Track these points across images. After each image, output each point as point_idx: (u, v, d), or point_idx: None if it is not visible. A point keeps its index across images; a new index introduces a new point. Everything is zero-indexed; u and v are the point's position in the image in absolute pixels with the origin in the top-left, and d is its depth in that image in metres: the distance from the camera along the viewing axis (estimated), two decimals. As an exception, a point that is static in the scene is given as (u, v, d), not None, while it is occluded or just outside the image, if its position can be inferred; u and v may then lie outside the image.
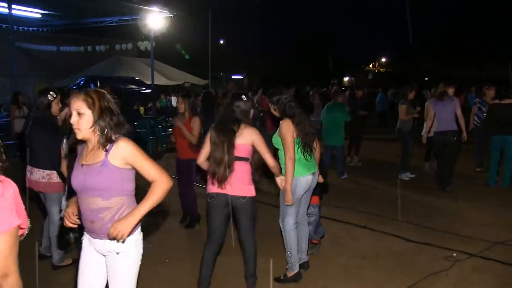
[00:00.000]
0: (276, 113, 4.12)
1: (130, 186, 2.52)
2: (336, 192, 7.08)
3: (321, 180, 4.41)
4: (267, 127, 9.77)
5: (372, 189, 7.77)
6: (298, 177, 3.99)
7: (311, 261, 4.46)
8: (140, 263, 2.60)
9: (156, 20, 16.24)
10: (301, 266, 4.24)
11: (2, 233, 1.63)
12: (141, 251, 2.59)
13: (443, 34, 52.04)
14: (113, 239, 2.36)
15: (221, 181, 3.57)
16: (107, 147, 2.41)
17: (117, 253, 2.48)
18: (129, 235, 2.39)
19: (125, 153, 2.43)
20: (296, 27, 50.16)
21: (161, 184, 2.44)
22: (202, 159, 3.80)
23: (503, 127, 7.34)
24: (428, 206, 6.59)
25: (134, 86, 14.22)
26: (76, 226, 2.61)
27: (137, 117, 12.97)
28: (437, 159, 7.80)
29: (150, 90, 15.57)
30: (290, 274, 4.13)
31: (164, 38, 19.43)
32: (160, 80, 19.17)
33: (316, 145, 4.19)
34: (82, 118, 2.41)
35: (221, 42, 46.21)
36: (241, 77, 17.84)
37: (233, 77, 26.72)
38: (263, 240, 5.12)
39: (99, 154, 2.43)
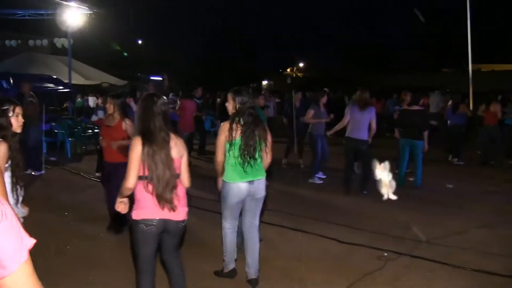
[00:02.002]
0: (230, 109, 3.98)
1: None
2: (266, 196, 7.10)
3: None
4: (180, 129, 9.71)
5: (302, 192, 7.86)
6: (229, 183, 3.92)
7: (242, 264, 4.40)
8: None
9: (74, 16, 15.39)
10: (249, 281, 4.10)
11: (15, 271, 1.20)
12: None
13: (361, 42, 54.87)
14: None
15: (170, 204, 3.07)
16: None
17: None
18: None
19: None
20: (217, 31, 50.19)
21: None
22: (133, 181, 3.04)
23: (409, 132, 7.83)
24: (354, 208, 6.83)
25: (51, 85, 13.37)
26: None
27: (55, 118, 12.21)
28: (346, 163, 8.02)
29: (68, 90, 14.73)
30: (225, 270, 4.23)
31: (81, 36, 18.50)
32: (77, 79, 18.22)
33: (267, 154, 4.02)
34: None
35: (140, 42, 45.04)
36: (160, 78, 17.44)
37: (151, 78, 26.13)
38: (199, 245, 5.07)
39: None
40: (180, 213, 3.17)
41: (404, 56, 53.08)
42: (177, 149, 3.16)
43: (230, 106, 3.97)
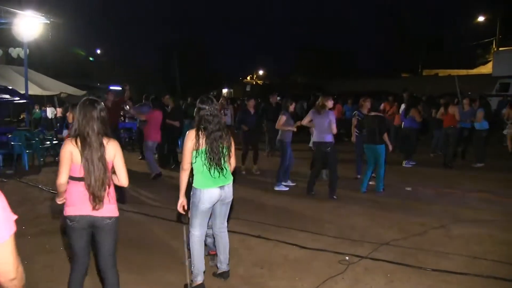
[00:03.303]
0: (196, 118, 4.08)
1: None
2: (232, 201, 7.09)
3: None
4: (145, 137, 9.62)
5: (262, 199, 7.86)
6: (202, 189, 3.98)
7: (209, 273, 4.42)
8: None
9: (30, 26, 14.93)
10: (220, 275, 4.37)
11: (6, 240, 1.58)
12: None
13: (317, 49, 55.75)
14: None
15: (99, 202, 3.24)
16: None
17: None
18: None
19: None
20: (175, 38, 49.92)
21: None
22: (63, 177, 3.26)
23: (371, 137, 8.07)
24: (315, 214, 6.87)
25: (7, 96, 12.91)
26: None
27: (11, 129, 11.81)
28: (313, 167, 8.25)
29: (25, 100, 14.28)
30: (194, 283, 4.12)
31: (38, 45, 18.01)
32: (34, 90, 17.68)
33: (231, 160, 4.14)
34: None
35: (98, 51, 44.27)
36: (119, 88, 17.17)
37: (111, 87, 25.72)
38: (153, 252, 5.01)
39: None
40: (106, 210, 3.29)
41: (364, 61, 54.42)
42: (109, 151, 3.30)
43: (195, 115, 4.05)
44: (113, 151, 3.33)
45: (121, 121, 14.48)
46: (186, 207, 4.06)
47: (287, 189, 8.47)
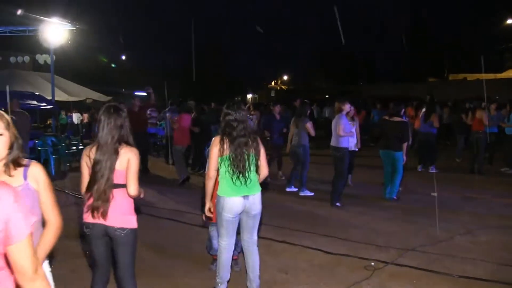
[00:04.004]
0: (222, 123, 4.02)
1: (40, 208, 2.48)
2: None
3: None
4: (175, 142, 9.71)
5: (287, 204, 7.88)
6: (225, 197, 3.89)
7: (235, 277, 4.42)
8: None
9: (56, 33, 15.32)
10: None
11: (23, 239, 1.69)
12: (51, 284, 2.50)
13: (342, 54, 55.50)
14: None
15: (103, 213, 3.14)
16: (16, 171, 2.32)
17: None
18: None
19: (39, 178, 2.42)
20: (200, 44, 50.30)
21: (54, 227, 2.48)
22: (85, 188, 3.23)
23: (389, 143, 7.86)
24: (340, 219, 6.87)
25: (34, 102, 13.26)
26: None
27: (38, 134, 12.09)
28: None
29: (51, 106, 14.62)
30: None
31: (64, 52, 18.41)
32: (60, 96, 18.11)
33: (262, 168, 4.00)
34: (1, 140, 2.23)
35: (123, 58, 44.87)
36: (144, 93, 17.41)
37: (136, 93, 26.01)
38: (177, 257, 5.07)
39: (15, 177, 2.32)
40: (118, 220, 3.16)
41: (389, 66, 54.00)
42: (122, 158, 3.16)
43: (221, 121, 3.99)
44: (126, 158, 3.16)
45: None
46: (212, 210, 4.06)
47: (312, 194, 8.45)
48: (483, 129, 10.60)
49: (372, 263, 4.90)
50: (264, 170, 4.03)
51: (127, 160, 3.16)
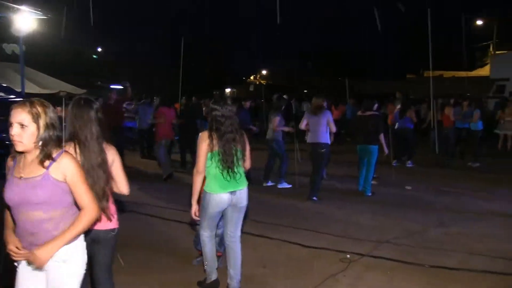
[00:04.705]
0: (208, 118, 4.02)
1: (70, 197, 2.45)
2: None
3: None
4: (157, 136, 9.56)
5: (265, 198, 7.91)
6: (212, 194, 3.89)
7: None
8: (84, 272, 2.56)
9: (27, 21, 14.76)
10: None
11: None
12: (85, 259, 2.56)
13: (325, 48, 55.83)
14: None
15: (105, 213, 2.94)
16: (48, 162, 2.35)
17: (64, 261, 2.43)
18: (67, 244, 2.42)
19: (66, 169, 2.39)
20: (177, 37, 49.83)
21: (89, 213, 2.46)
22: None
23: (364, 137, 7.98)
24: (317, 213, 6.96)
25: (1, 94, 12.77)
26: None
27: (6, 129, 11.69)
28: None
29: (21, 99, 14.13)
30: (206, 281, 4.17)
31: (35, 42, 17.85)
32: (31, 88, 17.56)
33: (245, 162, 4.03)
34: (25, 131, 2.30)
35: (99, 49, 43.99)
36: (121, 87, 17.22)
37: (112, 86, 25.63)
38: (161, 253, 5.08)
39: (39, 167, 2.35)
40: (108, 222, 3.02)
41: (369, 63, 54.62)
42: (108, 157, 3.01)
43: (208, 116, 3.97)
44: (111, 157, 3.04)
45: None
46: (198, 214, 4.01)
47: (290, 186, 8.54)
48: (451, 125, 10.91)
49: (348, 256, 4.98)
50: (248, 164, 4.07)
51: (112, 157, 3.06)
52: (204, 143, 3.83)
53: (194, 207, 3.98)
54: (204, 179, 3.95)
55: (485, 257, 4.97)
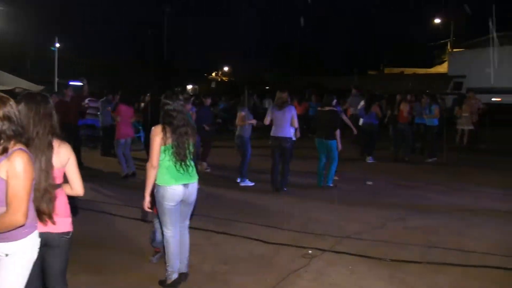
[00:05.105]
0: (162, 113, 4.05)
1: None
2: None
3: None
4: (118, 135, 9.33)
5: (228, 195, 7.90)
6: (165, 186, 3.93)
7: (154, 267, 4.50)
8: (28, 272, 2.47)
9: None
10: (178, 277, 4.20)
11: None
12: (34, 256, 2.48)
13: (286, 44, 56.20)
14: None
15: (48, 216, 2.71)
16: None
17: (6, 255, 2.37)
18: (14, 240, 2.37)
19: (11, 167, 2.29)
20: (137, 32, 49.04)
21: (11, 218, 2.30)
22: None
23: (323, 131, 8.16)
24: (278, 208, 6.97)
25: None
26: None
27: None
28: (272, 162, 8.19)
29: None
30: (168, 281, 4.12)
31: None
32: (-17, 84, 16.89)
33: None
34: None
35: (57, 45, 42.83)
36: (79, 83, 16.77)
37: (71, 83, 24.96)
38: (117, 252, 4.98)
39: None
40: (61, 225, 2.86)
41: (330, 59, 55.41)
42: (62, 156, 2.86)
43: (161, 110, 4.02)
44: (66, 155, 2.89)
45: (81, 118, 14.05)
46: (150, 205, 4.05)
47: (253, 184, 8.52)
48: (407, 121, 11.18)
49: (310, 251, 5.00)
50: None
51: (67, 157, 2.91)
52: (157, 137, 3.88)
53: (147, 199, 4.01)
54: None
55: (444, 250, 5.09)
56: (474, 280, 4.33)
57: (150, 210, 4.11)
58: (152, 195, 4.04)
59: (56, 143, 2.81)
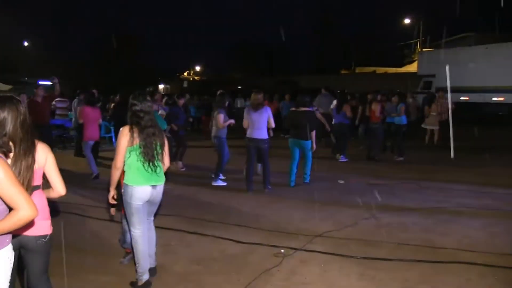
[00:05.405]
0: (129, 113, 4.05)
1: None
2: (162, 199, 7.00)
3: None
4: (84, 137, 9.14)
5: (200, 195, 7.85)
6: (134, 186, 3.93)
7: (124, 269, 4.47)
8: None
9: None
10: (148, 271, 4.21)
11: None
12: (7, 273, 2.35)
13: (254, 45, 56.28)
14: None
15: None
16: None
17: None
18: None
19: None
20: (108, 32, 48.24)
21: (19, 214, 2.21)
22: None
23: (297, 132, 8.19)
24: (251, 208, 6.98)
25: None
26: None
27: None
28: (247, 163, 8.20)
29: None
30: (139, 282, 4.07)
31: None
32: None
33: (165, 158, 4.14)
34: None
35: (25, 44, 41.97)
36: (49, 83, 16.40)
37: (40, 82, 24.35)
38: (88, 253, 4.87)
39: None
40: (39, 227, 2.80)
41: (302, 58, 55.78)
42: (40, 156, 2.81)
43: (129, 111, 4.01)
44: (43, 155, 2.85)
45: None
46: (116, 197, 4.07)
47: (225, 184, 8.50)
48: (378, 120, 11.32)
49: (282, 250, 5.01)
50: (167, 160, 4.21)
51: (45, 156, 2.88)
52: (124, 138, 3.89)
53: (112, 192, 4.05)
54: (123, 173, 4.00)
55: (414, 247, 5.17)
56: (443, 276, 4.40)
57: (114, 202, 4.11)
58: (119, 195, 4.05)
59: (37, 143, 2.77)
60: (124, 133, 3.91)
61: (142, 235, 4.06)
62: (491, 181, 8.73)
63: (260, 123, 7.73)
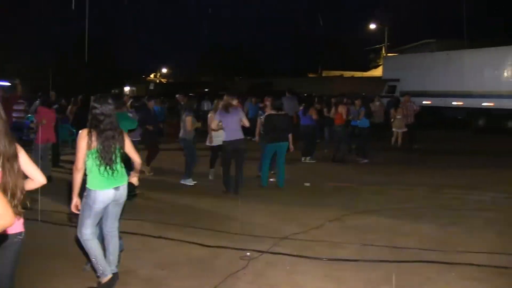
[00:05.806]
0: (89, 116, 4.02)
1: None
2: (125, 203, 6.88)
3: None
4: (38, 139, 8.86)
5: (165, 199, 7.78)
6: (97, 191, 3.90)
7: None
8: None
9: None
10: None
11: None
12: None
13: (221, 48, 56.22)
14: None
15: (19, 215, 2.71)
16: None
17: None
18: None
19: None
20: (73, 34, 47.20)
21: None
22: None
23: (276, 135, 8.28)
24: (216, 211, 6.97)
25: None
26: None
27: None
28: (224, 166, 8.17)
29: None
30: (103, 280, 4.00)
31: None
32: None
33: (134, 157, 4.22)
34: None
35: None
36: (8, 84, 15.88)
37: (-1, 83, 23.52)
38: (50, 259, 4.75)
39: None
40: (15, 225, 2.67)
41: (270, 60, 56.09)
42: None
43: (89, 114, 3.99)
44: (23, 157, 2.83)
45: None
46: (79, 207, 3.97)
47: (192, 184, 8.54)
48: (343, 123, 11.52)
49: (248, 253, 5.00)
50: (137, 159, 4.27)
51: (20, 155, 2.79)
52: (83, 140, 3.86)
53: (75, 200, 3.95)
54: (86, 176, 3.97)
55: (378, 247, 5.25)
56: (407, 275, 4.48)
57: (78, 212, 4.01)
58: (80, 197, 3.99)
59: None
60: (82, 136, 3.89)
61: (94, 236, 4.03)
62: (451, 182, 8.99)
63: (235, 125, 7.77)
